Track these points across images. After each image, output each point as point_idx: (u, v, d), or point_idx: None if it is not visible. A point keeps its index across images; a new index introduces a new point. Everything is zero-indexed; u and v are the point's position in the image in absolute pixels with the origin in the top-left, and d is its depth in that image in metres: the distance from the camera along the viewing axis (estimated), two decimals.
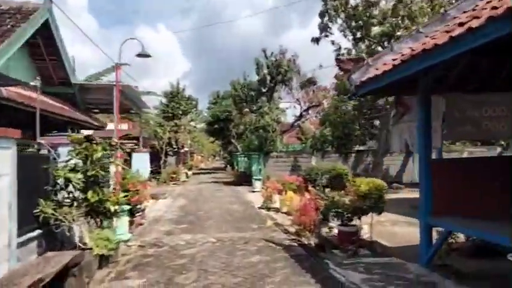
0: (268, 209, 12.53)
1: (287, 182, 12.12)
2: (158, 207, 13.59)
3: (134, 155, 16.24)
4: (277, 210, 12.13)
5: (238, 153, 31.95)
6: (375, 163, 18.24)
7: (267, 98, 23.28)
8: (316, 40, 18.08)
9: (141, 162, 16.31)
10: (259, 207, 12.91)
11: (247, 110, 23.64)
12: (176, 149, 31.75)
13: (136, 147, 16.59)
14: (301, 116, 29.57)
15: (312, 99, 31.45)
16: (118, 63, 8.53)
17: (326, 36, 17.96)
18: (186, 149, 46.93)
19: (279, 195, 12.71)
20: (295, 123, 29.99)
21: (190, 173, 32.67)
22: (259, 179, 18.82)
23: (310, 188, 10.94)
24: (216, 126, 33.29)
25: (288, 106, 29.70)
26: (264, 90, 23.99)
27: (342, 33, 18.68)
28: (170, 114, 27.59)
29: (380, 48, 18.11)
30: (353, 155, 22.67)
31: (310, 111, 30.34)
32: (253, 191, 18.37)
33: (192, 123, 34.10)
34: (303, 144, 29.15)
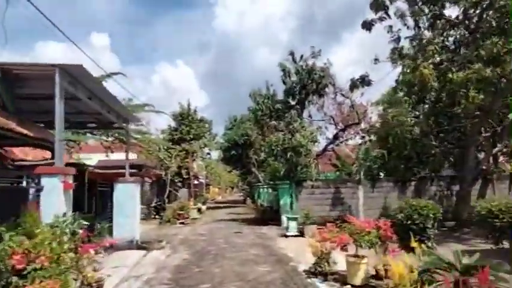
0: (325, 275, 7.18)
1: (361, 230, 6.81)
2: (142, 270, 8.40)
3: (117, 186, 11.32)
4: (343, 280, 6.79)
5: (260, 184, 26.88)
6: (460, 194, 12.66)
7: (297, 112, 18.14)
8: (368, 25, 13.17)
9: (127, 197, 11.35)
10: (307, 272, 7.59)
11: (274, 123, 18.44)
12: (187, 179, 26.84)
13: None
14: (336, 137, 24.14)
15: (346, 118, 26.26)
16: None
17: (382, 19, 13.10)
18: (201, 180, 42.01)
19: (342, 251, 7.40)
20: (329, 147, 24.55)
21: (204, 207, 27.50)
22: (294, 219, 13.48)
23: (415, 243, 5.63)
24: (233, 152, 28.47)
25: (320, 126, 24.24)
26: (292, 102, 18.89)
27: (400, 19, 13.85)
28: (177, 137, 22.85)
29: (459, 33, 13.06)
30: (413, 183, 17.27)
31: (346, 132, 24.99)
32: (287, 236, 13.05)
33: (206, 150, 29.28)
34: (338, 172, 23.84)
